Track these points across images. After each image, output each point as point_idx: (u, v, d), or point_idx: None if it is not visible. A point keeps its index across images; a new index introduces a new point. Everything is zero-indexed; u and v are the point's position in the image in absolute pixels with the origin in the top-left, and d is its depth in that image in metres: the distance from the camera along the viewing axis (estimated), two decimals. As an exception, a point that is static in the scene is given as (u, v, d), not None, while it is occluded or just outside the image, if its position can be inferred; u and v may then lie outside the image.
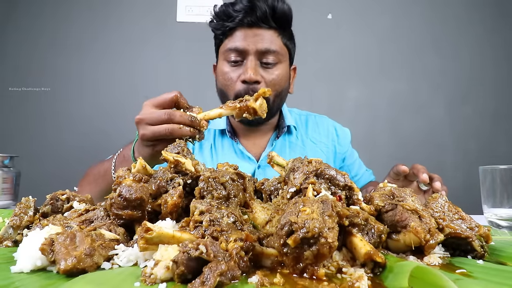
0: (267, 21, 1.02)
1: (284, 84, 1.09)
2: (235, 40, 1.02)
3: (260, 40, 1.01)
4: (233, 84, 1.03)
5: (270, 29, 1.03)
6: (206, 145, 1.16)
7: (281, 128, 1.17)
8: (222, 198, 0.48)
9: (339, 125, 1.32)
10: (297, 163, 0.56)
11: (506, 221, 0.70)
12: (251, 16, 1.00)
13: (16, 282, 0.35)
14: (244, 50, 1.01)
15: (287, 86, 1.11)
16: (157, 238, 0.38)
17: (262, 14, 1.00)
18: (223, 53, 1.06)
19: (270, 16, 1.01)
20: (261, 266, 0.40)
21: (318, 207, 0.38)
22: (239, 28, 1.02)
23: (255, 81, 1.00)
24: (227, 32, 1.04)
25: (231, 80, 1.03)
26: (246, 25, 1.02)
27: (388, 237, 0.45)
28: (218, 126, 1.17)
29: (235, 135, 1.17)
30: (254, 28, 1.02)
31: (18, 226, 0.53)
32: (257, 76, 1.00)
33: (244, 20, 1.00)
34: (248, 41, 1.01)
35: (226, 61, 1.05)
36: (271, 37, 1.03)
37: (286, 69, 1.09)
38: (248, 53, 1.01)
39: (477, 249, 0.45)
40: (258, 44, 1.01)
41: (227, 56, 1.04)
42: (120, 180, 0.55)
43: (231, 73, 1.04)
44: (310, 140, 1.22)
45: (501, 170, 0.71)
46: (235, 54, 1.03)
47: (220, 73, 1.07)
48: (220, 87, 1.09)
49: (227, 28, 1.03)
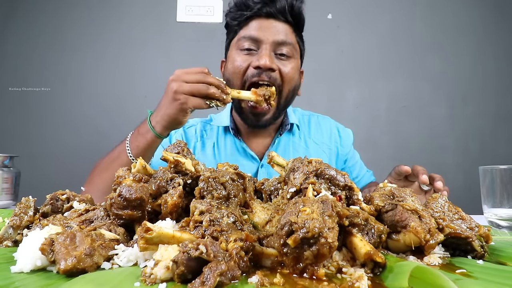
0: (285, 15, 1.02)
1: (297, 81, 1.08)
2: (251, 29, 1.01)
3: (277, 32, 1.01)
4: (242, 71, 1.00)
5: (286, 23, 1.03)
6: (209, 143, 1.16)
7: (284, 125, 1.17)
8: (222, 198, 0.48)
9: (342, 126, 1.31)
10: (297, 163, 0.56)
11: (506, 221, 0.70)
12: (270, 7, 1.00)
13: (16, 282, 0.35)
14: (259, 39, 1.00)
15: (298, 84, 1.10)
16: (157, 238, 0.38)
17: (281, 7, 1.00)
18: (236, 43, 1.04)
19: (288, 10, 1.01)
20: (261, 266, 0.40)
21: (318, 207, 0.38)
22: (256, 18, 1.02)
23: (269, 68, 0.98)
24: (243, 22, 1.03)
25: (240, 67, 1.00)
26: (263, 16, 1.01)
27: (388, 237, 0.45)
28: (222, 123, 1.16)
29: (239, 133, 1.16)
30: (271, 20, 1.01)
31: (18, 226, 0.53)
32: (273, 64, 0.98)
33: (263, 10, 1.00)
34: (264, 31, 1.00)
35: (239, 49, 1.03)
36: (287, 31, 1.03)
37: (298, 66, 1.09)
38: (263, 42, 1.00)
39: (477, 249, 0.45)
40: (275, 36, 1.00)
41: (240, 45, 1.02)
42: (120, 180, 0.55)
43: (242, 61, 1.01)
44: (313, 141, 1.22)
45: (501, 170, 0.71)
46: (249, 42, 1.01)
47: (230, 61, 1.04)
48: (227, 77, 1.06)
49: (243, 17, 1.02)
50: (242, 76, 1.00)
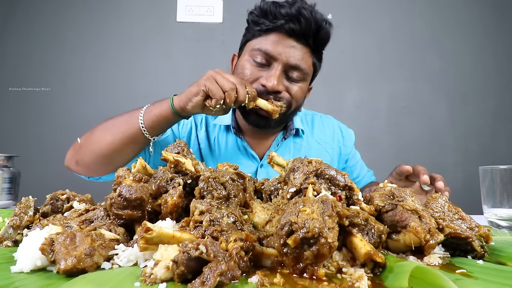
0: (307, 37, 0.98)
1: (302, 100, 1.07)
2: (268, 43, 0.97)
3: (293, 53, 0.97)
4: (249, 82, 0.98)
5: (305, 46, 0.99)
6: (212, 136, 1.15)
7: (289, 130, 1.16)
8: (222, 198, 0.48)
9: (345, 126, 1.31)
10: (297, 163, 0.56)
11: (506, 221, 0.70)
12: (294, 25, 0.95)
13: (16, 282, 0.35)
14: (274, 56, 0.97)
15: (302, 102, 1.10)
16: (157, 238, 0.38)
17: (306, 28, 0.96)
18: (250, 50, 1.01)
19: (312, 33, 0.97)
20: (261, 266, 0.40)
21: (318, 207, 0.38)
22: (277, 32, 0.98)
23: (276, 91, 0.96)
24: (263, 31, 1.00)
25: (249, 79, 0.99)
26: (284, 32, 0.97)
27: (388, 237, 0.45)
28: (222, 122, 1.16)
29: (240, 132, 1.16)
30: (291, 39, 0.97)
31: (18, 226, 0.53)
32: (279, 86, 0.96)
33: (286, 26, 0.96)
34: (281, 50, 0.96)
35: (252, 58, 1.00)
36: (304, 54, 0.99)
37: (306, 87, 1.07)
38: (277, 60, 0.97)
39: (477, 249, 0.45)
40: (290, 57, 0.97)
41: (254, 55, 0.99)
42: (120, 180, 0.55)
43: (252, 72, 0.99)
44: (316, 140, 1.22)
45: (501, 170, 0.71)
46: (262, 56, 0.98)
47: (240, 68, 1.02)
48: None
49: (264, 28, 0.99)
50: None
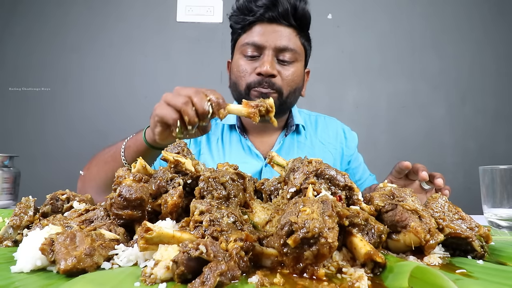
0: (288, 18, 1.01)
1: (299, 83, 1.09)
2: (254, 35, 1.02)
3: (279, 36, 1.01)
4: (247, 75, 1.03)
5: (289, 27, 1.03)
6: (214, 138, 1.16)
7: (290, 126, 1.17)
8: (222, 198, 0.48)
9: (348, 128, 1.32)
10: (297, 163, 0.56)
11: (506, 221, 0.70)
12: (273, 12, 1.00)
13: (16, 282, 0.35)
14: (262, 45, 1.01)
15: (301, 86, 1.12)
16: (157, 238, 0.38)
17: (283, 11, 1.00)
18: (240, 47, 1.06)
19: (291, 14, 1.01)
20: (261, 266, 0.40)
21: (318, 207, 0.38)
22: (259, 23, 1.02)
23: (270, 75, 1.00)
24: (246, 26, 1.04)
25: (246, 72, 1.03)
26: (266, 21, 1.01)
27: (388, 237, 0.45)
28: (228, 121, 1.17)
29: (244, 131, 1.17)
30: (274, 24, 1.01)
31: (18, 226, 0.53)
32: (273, 70, 0.99)
33: (265, 15, 1.00)
34: (266, 37, 1.01)
35: (243, 55, 1.05)
36: (290, 35, 1.03)
37: (301, 69, 1.09)
38: (266, 48, 1.01)
39: (477, 249, 0.45)
40: (277, 41, 1.00)
41: (244, 50, 1.04)
42: (120, 180, 0.55)
43: (247, 66, 1.03)
44: (319, 140, 1.23)
45: (501, 170, 0.71)
46: (252, 48, 1.02)
47: (235, 66, 1.07)
48: (233, 80, 1.08)
49: (246, 22, 1.03)
50: (246, 80, 1.03)
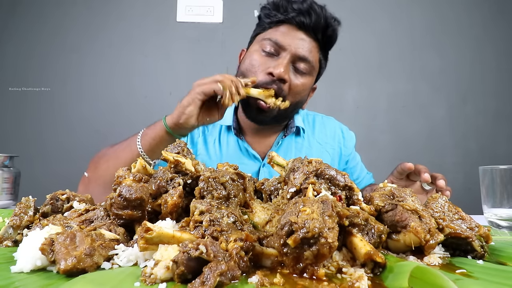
0: (316, 31, 1.01)
1: (304, 97, 1.08)
2: (278, 34, 1.01)
3: (302, 45, 1.00)
4: (258, 72, 1.01)
5: (314, 40, 1.03)
6: (210, 139, 1.16)
7: (289, 128, 1.17)
8: (222, 198, 0.48)
9: (346, 127, 1.32)
10: (297, 163, 0.56)
11: (506, 221, 0.70)
12: (305, 19, 0.99)
13: (16, 282, 0.35)
14: (283, 46, 1.00)
15: (304, 100, 1.11)
16: (157, 238, 0.38)
17: (315, 22, 1.00)
18: (260, 40, 1.05)
19: (321, 28, 1.01)
20: (261, 266, 0.40)
21: (318, 207, 0.38)
22: (287, 24, 1.02)
23: (281, 79, 0.98)
24: (274, 23, 1.04)
25: (257, 67, 1.01)
26: (295, 24, 1.01)
27: (388, 237, 0.45)
28: (224, 122, 1.16)
29: (241, 133, 1.16)
30: (301, 31, 1.01)
31: (18, 226, 0.53)
32: (286, 75, 0.98)
33: (296, 19, 1.00)
34: (290, 40, 1.00)
35: (261, 48, 1.03)
36: (312, 47, 1.02)
37: (311, 83, 1.09)
38: (285, 51, 1.00)
39: (477, 249, 0.45)
40: (299, 48, 1.00)
41: (263, 45, 1.03)
42: (120, 180, 0.55)
43: (260, 61, 1.02)
44: (317, 141, 1.22)
45: (501, 170, 0.71)
46: (272, 45, 1.01)
47: (248, 58, 1.05)
48: (242, 70, 1.06)
49: (276, 19, 1.02)
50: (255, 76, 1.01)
